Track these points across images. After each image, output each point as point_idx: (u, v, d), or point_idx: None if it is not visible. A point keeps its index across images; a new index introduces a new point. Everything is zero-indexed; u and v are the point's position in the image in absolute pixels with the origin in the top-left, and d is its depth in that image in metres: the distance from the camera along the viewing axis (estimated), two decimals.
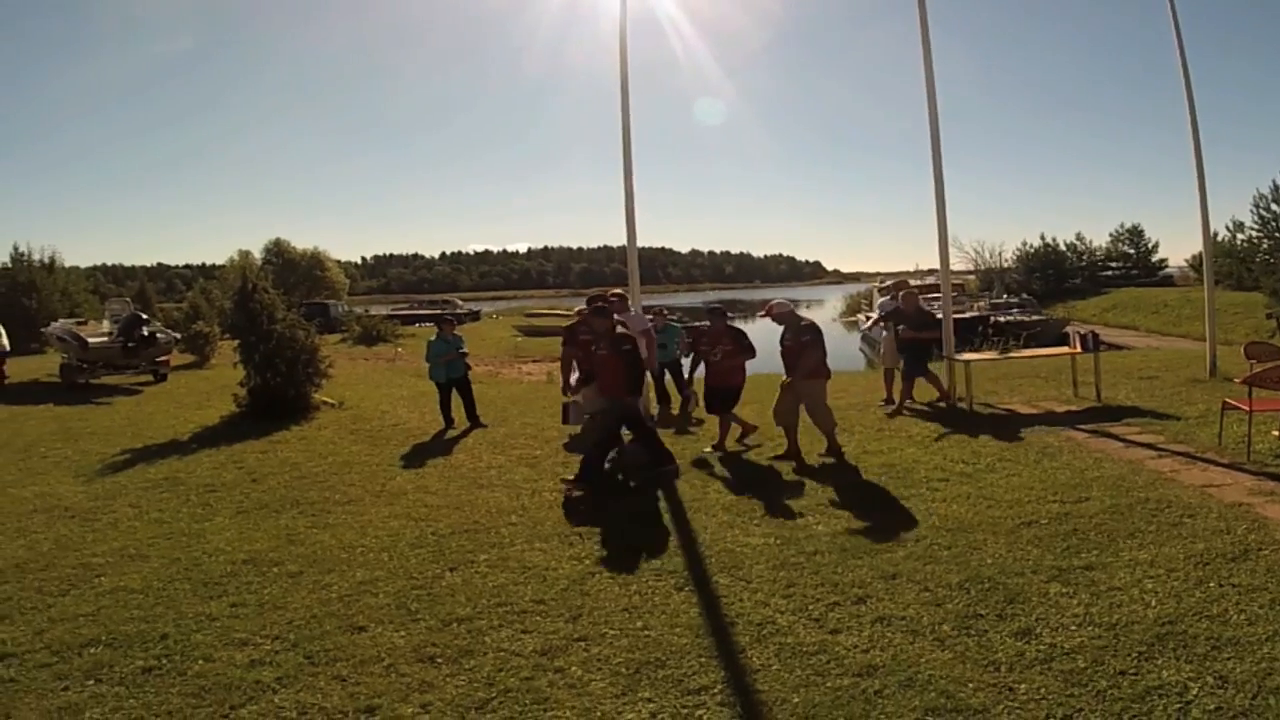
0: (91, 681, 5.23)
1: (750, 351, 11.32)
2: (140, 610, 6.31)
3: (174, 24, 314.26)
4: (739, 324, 10.96)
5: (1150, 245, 67.55)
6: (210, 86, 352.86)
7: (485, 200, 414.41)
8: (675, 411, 14.18)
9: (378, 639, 5.68)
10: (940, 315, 14.40)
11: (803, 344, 10.36)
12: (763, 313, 10.96)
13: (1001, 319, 31.55)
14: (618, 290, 12.35)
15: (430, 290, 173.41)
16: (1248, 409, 9.20)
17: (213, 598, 6.51)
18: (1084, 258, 66.35)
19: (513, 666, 5.19)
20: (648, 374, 11.27)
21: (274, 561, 7.27)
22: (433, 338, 14.08)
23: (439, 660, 5.33)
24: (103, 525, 8.63)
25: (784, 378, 10.50)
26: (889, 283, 16.96)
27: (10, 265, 41.33)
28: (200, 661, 5.44)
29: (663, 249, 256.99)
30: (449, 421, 13.49)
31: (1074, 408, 12.69)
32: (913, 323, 13.50)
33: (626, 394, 9.46)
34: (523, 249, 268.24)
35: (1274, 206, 45.38)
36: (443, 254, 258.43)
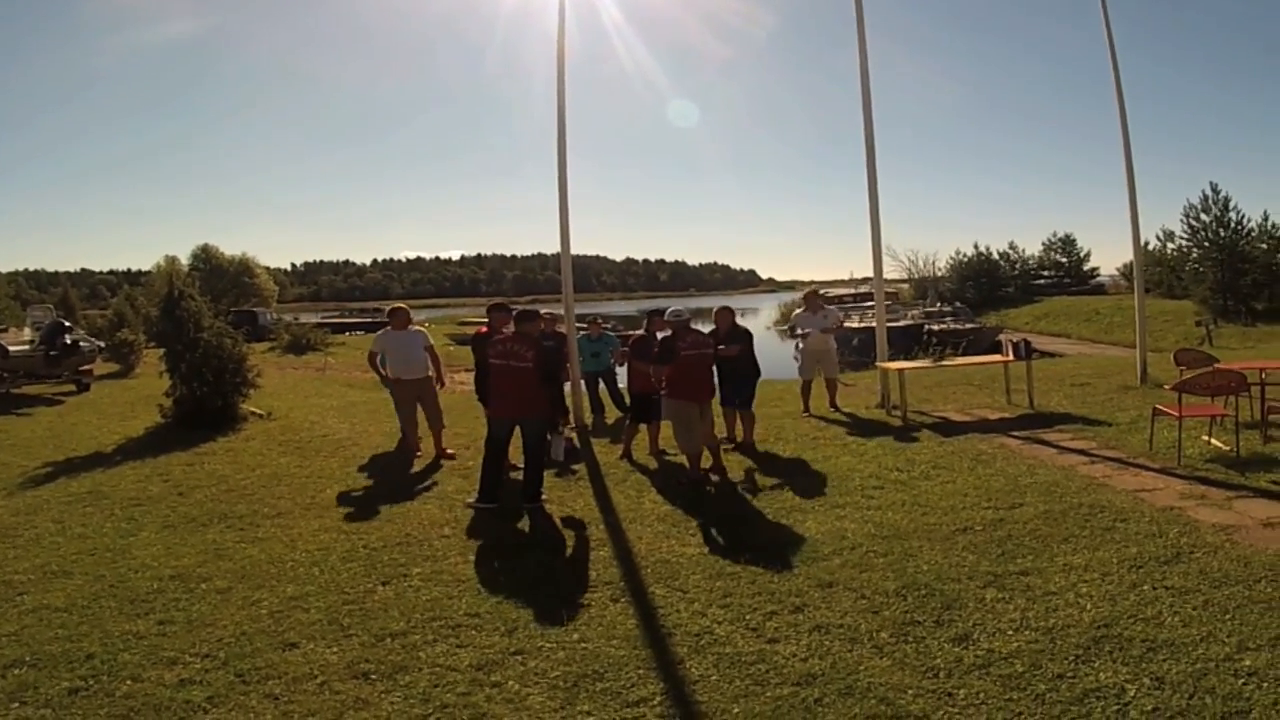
0: (15, 704, 5.09)
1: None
2: (65, 629, 6.15)
3: (103, 26, 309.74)
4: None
5: (1082, 254, 69.03)
6: (141, 91, 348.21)
7: (418, 207, 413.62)
8: (609, 421, 14.13)
9: (310, 656, 5.57)
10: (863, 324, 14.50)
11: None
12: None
13: (935, 327, 31.95)
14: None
15: (361, 298, 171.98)
16: (1177, 415, 9.36)
17: (140, 615, 6.36)
18: (1017, 266, 67.63)
19: (449, 682, 5.13)
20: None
21: (202, 577, 7.12)
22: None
23: (373, 676, 5.25)
24: (24, 541, 8.40)
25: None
26: (804, 293, 17.13)
27: None
28: (128, 681, 5.31)
29: (597, 257, 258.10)
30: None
31: (1007, 415, 12.82)
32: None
33: (531, 412, 9.03)
34: (456, 256, 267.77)
35: (1203, 216, 46.70)
36: (374, 261, 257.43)
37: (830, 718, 4.50)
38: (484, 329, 10.93)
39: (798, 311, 16.11)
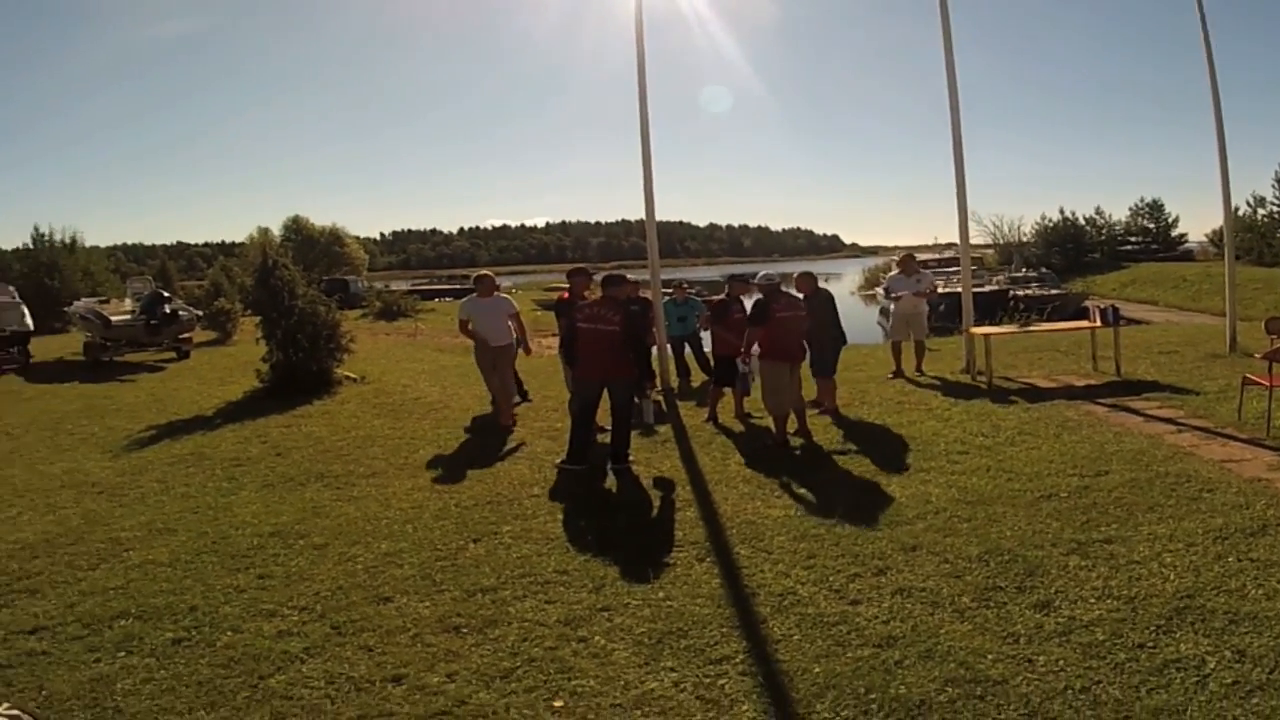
0: (122, 653, 5.31)
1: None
2: (169, 583, 6.40)
3: (186, 4, 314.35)
4: (753, 299, 10.57)
5: (1170, 220, 66.99)
6: (227, 63, 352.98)
7: (503, 176, 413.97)
8: (695, 384, 14.21)
9: (403, 609, 5.75)
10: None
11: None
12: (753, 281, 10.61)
13: (1020, 293, 31.45)
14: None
15: (449, 265, 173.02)
16: (1268, 384, 9.18)
17: (240, 570, 6.60)
18: (1103, 232, 65.84)
19: (537, 636, 5.26)
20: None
21: (300, 534, 7.36)
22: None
23: (464, 630, 5.40)
24: (130, 500, 8.73)
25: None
26: (899, 256, 17.13)
27: (32, 246, 41.59)
28: (229, 633, 5.52)
29: (680, 223, 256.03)
30: (524, 396, 13.40)
31: (1093, 382, 12.64)
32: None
33: (618, 374, 9.18)
34: (541, 224, 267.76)
35: None
36: (461, 229, 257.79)
37: (910, 680, 4.52)
38: (565, 294, 11.05)
39: (892, 274, 16.08)
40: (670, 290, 15.41)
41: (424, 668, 4.95)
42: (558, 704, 4.50)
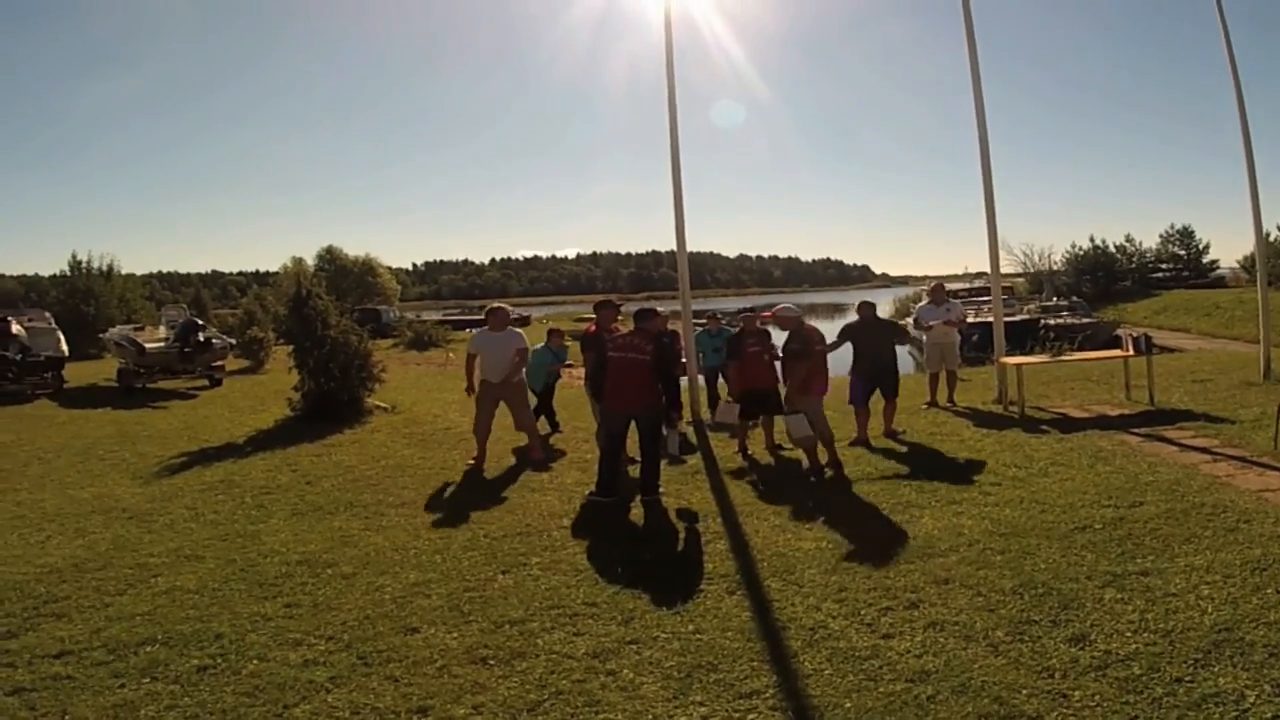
0: (147, 679, 5.30)
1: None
2: (196, 610, 6.40)
3: (223, 30, 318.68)
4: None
5: (1201, 246, 66.60)
6: (262, 94, 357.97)
7: (535, 207, 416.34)
8: None
9: (430, 640, 5.73)
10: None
11: (792, 353, 10.16)
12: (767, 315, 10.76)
13: (1051, 322, 31.30)
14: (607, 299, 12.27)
15: (481, 296, 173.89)
16: None
17: (267, 598, 6.59)
18: (1134, 259, 65.53)
19: (565, 669, 5.22)
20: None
21: (328, 563, 7.35)
22: (539, 346, 13.99)
23: (491, 662, 5.37)
24: (159, 526, 8.75)
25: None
26: (930, 285, 17.20)
27: (70, 273, 42.05)
28: (255, 661, 5.51)
29: (711, 253, 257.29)
30: (555, 425, 13.55)
31: (1127, 411, 12.54)
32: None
33: (647, 405, 9.11)
34: (571, 254, 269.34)
35: None
36: (492, 260, 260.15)
37: (943, 715, 4.47)
38: (593, 327, 11.00)
39: (922, 304, 16.04)
40: (704, 321, 15.42)
41: (450, 699, 4.92)
42: None
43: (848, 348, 11.66)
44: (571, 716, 4.67)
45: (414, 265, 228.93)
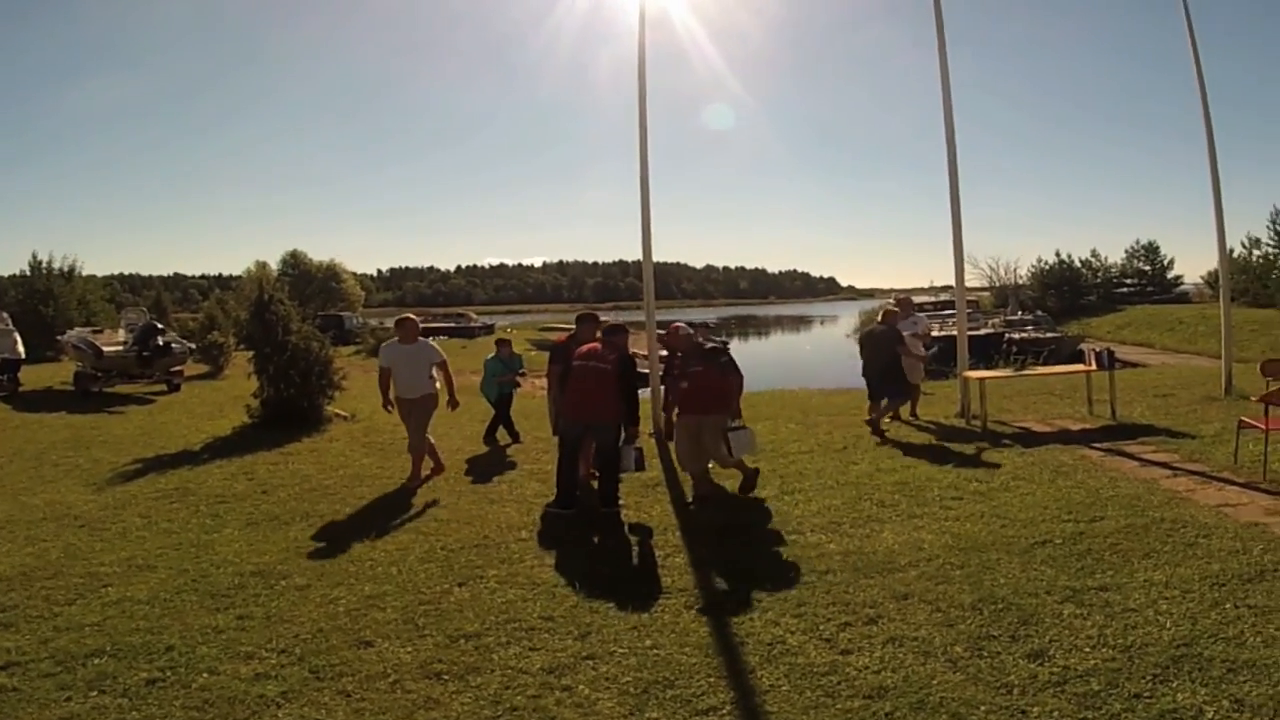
0: (94, 692, 5.22)
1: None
2: (146, 621, 6.30)
3: (191, 36, 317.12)
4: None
5: (1166, 262, 67.44)
6: (228, 98, 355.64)
7: (501, 214, 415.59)
8: None
9: (384, 654, 5.66)
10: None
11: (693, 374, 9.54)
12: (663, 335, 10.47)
13: (1016, 335, 31.54)
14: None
15: (445, 303, 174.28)
16: (1264, 428, 9.14)
17: (220, 610, 6.50)
18: (1099, 274, 66.26)
19: (520, 684, 5.16)
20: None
21: (282, 574, 7.26)
22: (490, 356, 13.95)
23: (446, 677, 5.31)
24: (112, 535, 8.63)
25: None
26: (897, 300, 17.44)
27: (29, 273, 41.58)
28: (205, 674, 5.43)
29: (677, 264, 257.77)
30: (492, 441, 13.31)
31: (1089, 426, 12.63)
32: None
33: (603, 417, 9.04)
34: (538, 263, 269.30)
35: None
36: (458, 267, 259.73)
37: None
38: (564, 338, 10.88)
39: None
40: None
41: (403, 715, 4.86)
42: None
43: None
44: None
45: (379, 271, 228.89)
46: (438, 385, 10.91)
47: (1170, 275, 67.26)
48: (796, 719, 4.66)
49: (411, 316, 11.54)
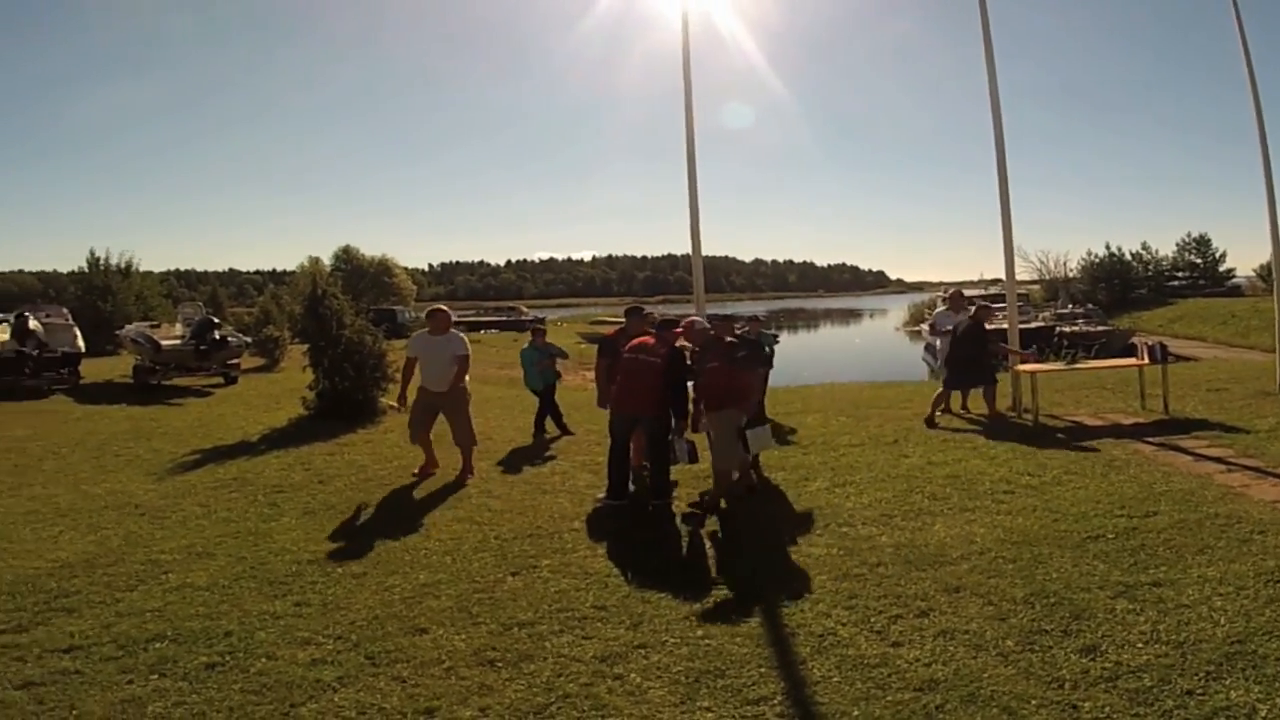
0: (155, 676, 5.33)
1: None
2: (205, 607, 6.43)
3: (245, 33, 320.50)
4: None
5: (1217, 255, 66.47)
6: (281, 95, 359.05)
7: (551, 209, 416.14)
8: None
9: (439, 641, 5.74)
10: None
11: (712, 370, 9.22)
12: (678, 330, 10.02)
13: (1066, 329, 31.22)
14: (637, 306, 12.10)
15: (496, 297, 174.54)
16: None
17: (277, 596, 6.62)
18: (1150, 268, 65.35)
19: (572, 672, 5.22)
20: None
21: (338, 562, 7.38)
22: (525, 347, 14.02)
23: (499, 664, 5.38)
24: (172, 523, 8.79)
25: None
26: (949, 293, 17.40)
27: (88, 270, 42.32)
28: (263, 659, 5.53)
29: (726, 258, 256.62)
30: (542, 429, 13.40)
31: (1141, 420, 12.49)
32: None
33: (651, 410, 8.98)
34: (587, 257, 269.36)
35: None
36: (508, 261, 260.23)
37: None
38: (613, 332, 10.88)
39: (939, 310, 16.02)
40: (742, 324, 15.38)
41: (456, 701, 4.93)
42: None
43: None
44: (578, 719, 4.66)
45: (430, 266, 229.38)
46: (466, 378, 10.81)
47: (1222, 268, 66.27)
48: (847, 710, 4.66)
49: (444, 308, 11.44)
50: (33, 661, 5.56)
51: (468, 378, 10.96)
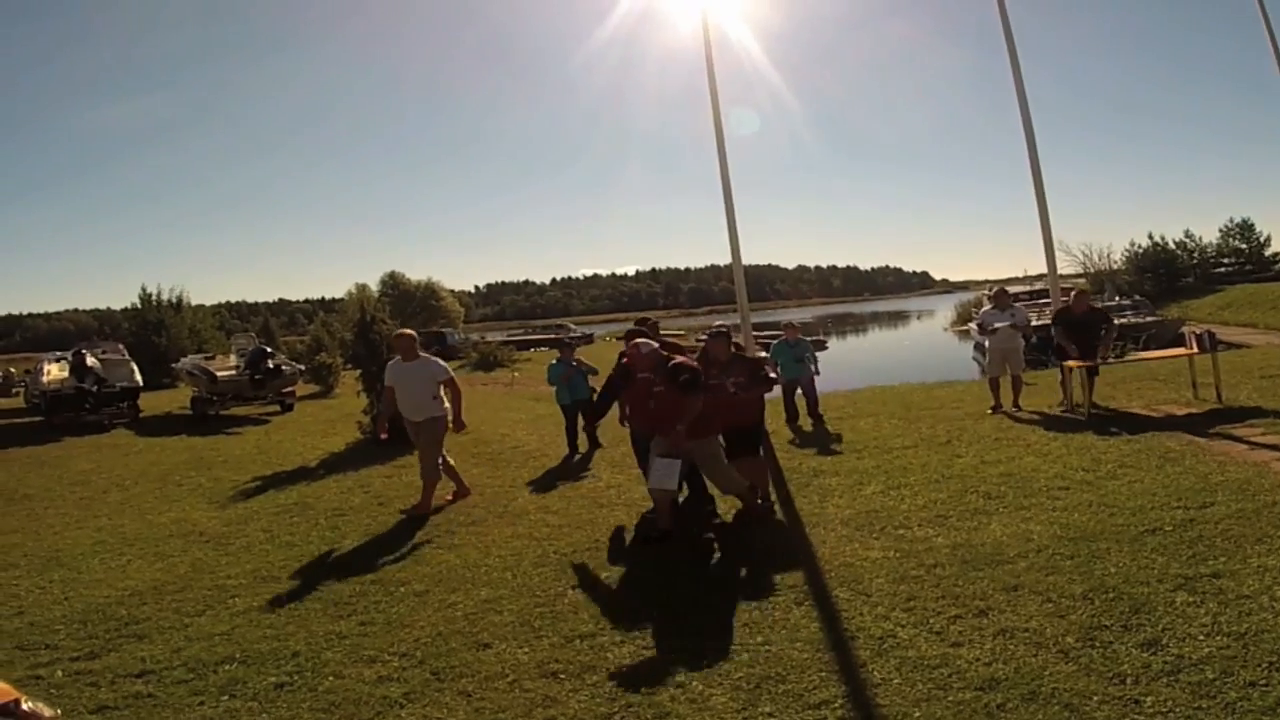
0: (226, 697, 5.47)
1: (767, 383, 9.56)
2: (272, 629, 6.58)
3: (272, 58, 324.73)
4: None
5: (1262, 239, 65.27)
6: (322, 128, 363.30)
7: (594, 225, 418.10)
8: (808, 428, 14.05)
9: (502, 655, 5.82)
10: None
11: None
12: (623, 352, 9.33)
13: (1116, 321, 30.91)
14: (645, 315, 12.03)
15: (543, 315, 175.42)
16: None
17: (342, 616, 6.74)
18: (1194, 255, 64.27)
19: (635, 681, 5.27)
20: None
21: (401, 581, 7.49)
22: (553, 361, 14.08)
23: (562, 676, 5.44)
24: (236, 549, 8.98)
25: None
26: (993, 290, 17.42)
27: (140, 305, 43.05)
28: (330, 678, 5.65)
29: (769, 265, 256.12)
30: (574, 448, 13.38)
31: (1194, 410, 12.34)
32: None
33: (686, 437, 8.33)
34: (631, 271, 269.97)
35: None
36: (554, 279, 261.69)
37: None
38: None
39: (985, 308, 15.97)
40: (781, 332, 15.45)
41: (521, 713, 5.00)
42: None
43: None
44: None
45: (476, 288, 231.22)
46: (446, 405, 10.34)
47: (1268, 253, 65.10)
48: (908, 711, 4.68)
49: (408, 332, 10.94)
50: (105, 686, 5.72)
51: (463, 403, 10.59)
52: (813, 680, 5.14)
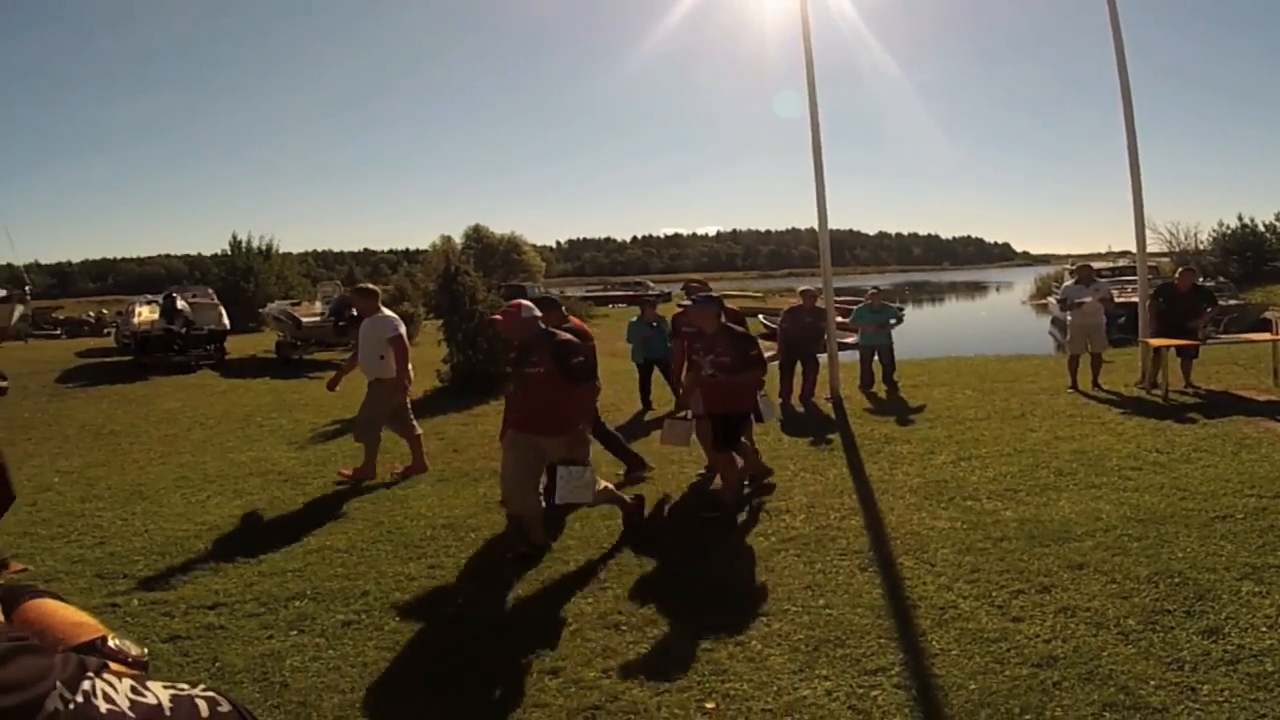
0: (294, 632, 5.64)
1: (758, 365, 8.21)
2: (343, 568, 6.75)
3: (376, 32, 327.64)
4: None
5: None
6: (409, 78, 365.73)
7: (676, 184, 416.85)
8: (883, 395, 14.08)
9: (566, 606, 5.93)
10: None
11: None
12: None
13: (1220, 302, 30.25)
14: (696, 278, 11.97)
15: (623, 272, 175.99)
16: None
17: (412, 559, 6.90)
18: None
19: (694, 638, 5.33)
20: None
21: (471, 527, 7.64)
22: (634, 319, 14.22)
23: (623, 628, 5.53)
24: (313, 489, 9.22)
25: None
26: (1076, 266, 17.08)
27: (230, 252, 44.01)
28: (397, 619, 5.81)
29: (850, 231, 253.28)
30: (647, 404, 13.61)
31: (1274, 397, 12.11)
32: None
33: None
34: (712, 231, 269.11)
35: None
36: (634, 237, 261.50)
37: (1067, 702, 4.42)
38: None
39: (1068, 283, 15.74)
40: (863, 297, 15.50)
41: (581, 662, 5.10)
42: (709, 705, 4.57)
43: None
44: (698, 684, 4.78)
45: (557, 243, 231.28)
46: (394, 366, 9.63)
47: None
48: (964, 683, 4.68)
49: (370, 286, 10.57)
50: (179, 616, 5.92)
51: (410, 367, 9.94)
52: (871, 646, 5.16)
